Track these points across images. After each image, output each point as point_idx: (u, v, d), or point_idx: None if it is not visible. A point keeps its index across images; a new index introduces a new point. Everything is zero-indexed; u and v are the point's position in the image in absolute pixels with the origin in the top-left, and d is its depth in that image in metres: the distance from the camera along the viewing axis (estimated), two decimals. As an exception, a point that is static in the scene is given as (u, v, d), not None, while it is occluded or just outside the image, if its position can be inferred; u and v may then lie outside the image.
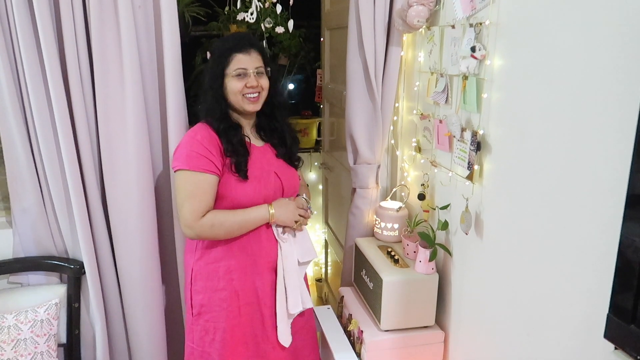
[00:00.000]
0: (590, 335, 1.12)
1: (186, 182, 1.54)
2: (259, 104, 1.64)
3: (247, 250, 1.64)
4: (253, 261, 1.65)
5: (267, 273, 1.68)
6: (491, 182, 1.50)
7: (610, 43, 1.05)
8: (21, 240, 1.88)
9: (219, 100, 1.61)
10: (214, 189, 1.56)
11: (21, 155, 1.77)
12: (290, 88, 4.15)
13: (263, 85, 1.62)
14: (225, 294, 1.63)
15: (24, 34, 1.62)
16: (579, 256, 1.17)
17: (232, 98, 1.61)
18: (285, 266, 1.68)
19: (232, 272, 1.63)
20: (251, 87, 1.58)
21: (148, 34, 1.78)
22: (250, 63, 1.59)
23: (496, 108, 1.45)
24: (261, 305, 1.68)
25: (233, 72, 1.58)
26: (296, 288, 1.70)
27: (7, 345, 1.72)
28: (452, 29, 1.63)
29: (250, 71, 1.58)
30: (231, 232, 1.59)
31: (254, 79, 1.59)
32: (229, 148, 1.58)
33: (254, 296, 1.67)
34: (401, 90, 2.06)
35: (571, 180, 1.17)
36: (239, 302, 1.64)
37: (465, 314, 1.70)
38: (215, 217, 1.55)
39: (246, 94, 1.59)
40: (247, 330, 1.67)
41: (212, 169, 1.55)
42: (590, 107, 1.11)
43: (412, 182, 2.05)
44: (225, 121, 1.62)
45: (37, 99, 1.69)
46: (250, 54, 1.59)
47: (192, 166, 1.53)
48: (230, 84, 1.59)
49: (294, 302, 1.69)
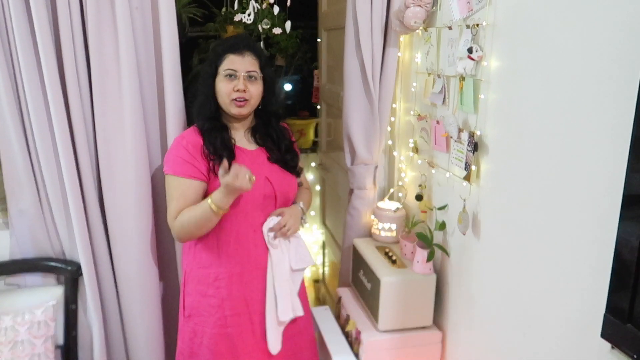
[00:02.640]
0: (587, 334, 1.13)
1: (169, 186, 1.59)
2: (245, 109, 1.60)
3: (236, 258, 1.61)
4: (241, 269, 1.62)
5: (257, 281, 1.64)
6: (488, 182, 1.50)
7: (607, 44, 1.06)
8: (18, 241, 1.87)
9: (209, 99, 1.61)
10: (195, 193, 1.56)
11: (18, 156, 1.76)
12: (288, 89, 4.15)
13: (252, 93, 1.58)
14: (214, 301, 1.61)
15: (21, 35, 1.62)
16: (575, 256, 1.17)
17: (220, 100, 1.60)
18: (276, 273, 1.64)
19: (220, 280, 1.61)
20: (238, 91, 1.56)
21: (146, 35, 1.78)
22: (241, 65, 1.57)
23: (493, 109, 1.45)
24: (251, 314, 1.63)
25: (223, 72, 1.57)
26: (287, 295, 1.66)
27: (5, 347, 1.71)
28: (449, 30, 1.64)
29: (240, 73, 1.56)
30: (199, 227, 1.53)
31: (242, 82, 1.56)
32: (211, 150, 1.57)
33: (242, 306, 1.63)
34: (398, 91, 2.06)
35: (568, 181, 1.18)
36: (225, 312, 1.61)
37: (463, 314, 1.71)
38: (182, 216, 1.54)
39: (233, 98, 1.57)
40: (237, 343, 1.62)
41: (195, 175, 1.56)
42: (587, 108, 1.11)
43: (409, 182, 2.06)
44: (212, 121, 1.61)
45: (34, 100, 1.68)
46: (243, 56, 1.58)
47: (176, 171, 1.57)
48: (219, 84, 1.58)
49: (284, 310, 1.65)
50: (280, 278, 1.65)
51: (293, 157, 1.73)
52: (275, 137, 1.71)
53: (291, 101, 4.21)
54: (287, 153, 1.71)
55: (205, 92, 1.61)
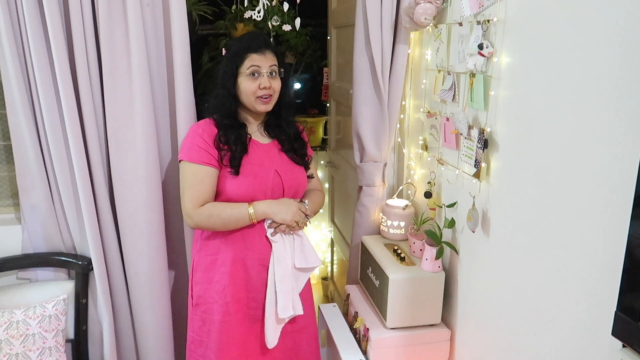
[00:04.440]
0: (598, 333, 1.12)
1: (186, 173, 1.60)
2: (270, 105, 1.65)
3: (239, 243, 1.65)
4: (243, 255, 1.66)
5: (259, 270, 1.67)
6: (498, 179, 1.49)
7: (619, 40, 1.04)
8: (30, 236, 1.90)
9: (230, 98, 1.63)
10: (212, 181, 1.60)
11: (30, 152, 1.78)
12: (297, 87, 4.15)
13: (275, 88, 1.63)
14: (218, 287, 1.65)
15: (33, 32, 1.64)
16: (586, 253, 1.16)
17: (245, 98, 1.63)
18: (277, 268, 1.66)
19: (224, 266, 1.65)
20: (264, 89, 1.60)
21: (156, 32, 1.79)
22: (264, 62, 1.60)
23: (503, 105, 1.44)
24: (249, 300, 1.67)
25: (247, 71, 1.59)
26: (288, 292, 1.67)
27: (16, 340, 1.73)
28: (459, 26, 1.63)
29: (264, 71, 1.60)
30: (226, 224, 1.60)
31: (267, 79, 1.60)
32: (224, 141, 1.61)
33: (243, 291, 1.66)
34: (408, 88, 2.06)
35: (579, 178, 1.17)
36: (226, 299, 1.64)
37: (472, 313, 1.70)
38: (213, 208, 1.59)
39: (259, 95, 1.60)
40: (240, 330, 1.66)
41: (211, 162, 1.59)
42: (599, 104, 1.10)
43: (418, 180, 2.05)
44: (230, 119, 1.64)
45: (46, 96, 1.70)
46: (265, 54, 1.61)
47: (192, 158, 1.59)
48: (243, 83, 1.61)
49: (284, 307, 1.66)
50: (281, 274, 1.66)
51: (301, 145, 1.77)
52: (285, 127, 1.74)
53: (300, 100, 4.21)
54: (295, 141, 1.75)
55: (226, 92, 1.63)
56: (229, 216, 1.59)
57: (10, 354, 1.72)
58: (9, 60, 1.66)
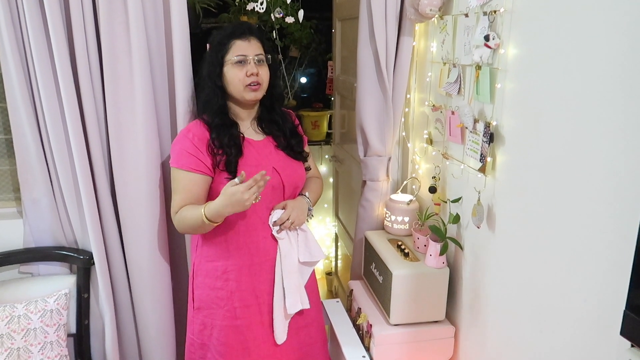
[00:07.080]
0: (606, 332, 1.10)
1: (174, 179, 1.59)
2: (260, 93, 1.60)
3: (244, 250, 1.61)
4: (250, 261, 1.62)
5: (266, 272, 1.64)
6: (504, 174, 1.47)
7: (629, 32, 1.01)
8: (31, 230, 1.89)
9: (217, 91, 1.58)
10: (199, 187, 1.55)
11: (31, 146, 1.77)
12: (302, 82, 4.12)
13: (263, 75, 1.57)
14: (222, 294, 1.62)
15: (33, 26, 1.62)
16: (594, 251, 1.13)
17: (232, 89, 1.58)
18: (284, 265, 1.63)
19: (228, 273, 1.61)
20: (252, 75, 1.55)
21: (157, 25, 1.77)
22: (250, 50, 1.56)
23: (510, 99, 1.41)
24: (260, 305, 1.64)
25: (233, 59, 1.55)
26: (295, 288, 1.65)
27: (18, 334, 1.73)
28: (465, 17, 1.59)
29: (250, 58, 1.55)
30: (194, 228, 1.54)
31: (253, 66, 1.55)
32: (218, 145, 1.55)
33: (252, 297, 1.63)
34: (413, 81, 2.03)
35: (587, 173, 1.14)
36: (234, 304, 1.61)
37: (476, 309, 1.67)
38: (181, 213, 1.55)
39: (247, 83, 1.55)
40: (246, 334, 1.63)
41: (200, 169, 1.54)
42: (608, 98, 1.07)
43: (423, 174, 2.02)
44: (221, 116, 1.59)
45: (46, 90, 1.69)
46: (249, 41, 1.56)
47: (180, 164, 1.55)
48: (230, 72, 1.56)
49: (293, 302, 1.64)
50: (288, 270, 1.64)
51: (298, 142, 1.72)
52: (280, 122, 1.70)
53: (306, 94, 4.18)
54: (292, 137, 1.71)
55: (212, 83, 1.58)
56: (190, 220, 1.51)
57: (11, 349, 1.72)
58: (9, 53, 1.65)
